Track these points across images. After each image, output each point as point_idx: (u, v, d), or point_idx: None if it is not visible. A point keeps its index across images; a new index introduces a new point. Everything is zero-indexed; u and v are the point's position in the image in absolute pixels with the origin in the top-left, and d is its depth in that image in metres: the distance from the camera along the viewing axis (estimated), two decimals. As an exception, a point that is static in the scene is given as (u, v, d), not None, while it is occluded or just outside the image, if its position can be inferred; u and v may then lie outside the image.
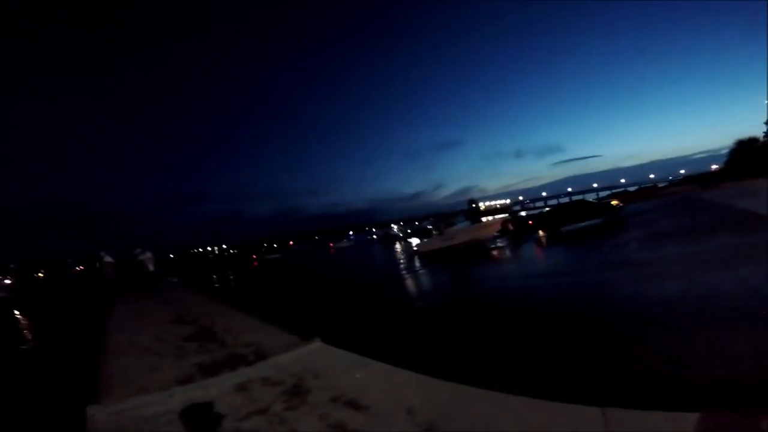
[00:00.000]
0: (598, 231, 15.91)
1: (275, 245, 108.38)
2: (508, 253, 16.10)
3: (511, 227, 21.77)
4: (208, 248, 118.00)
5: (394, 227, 59.01)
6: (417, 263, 17.99)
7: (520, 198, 78.23)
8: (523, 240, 18.61)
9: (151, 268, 19.08)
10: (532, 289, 8.28)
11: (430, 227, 33.91)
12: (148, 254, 19.48)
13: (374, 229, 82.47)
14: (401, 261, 21.26)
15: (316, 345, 4.24)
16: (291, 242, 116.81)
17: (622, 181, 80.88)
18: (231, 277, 28.22)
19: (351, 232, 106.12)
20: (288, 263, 40.19)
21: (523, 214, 39.94)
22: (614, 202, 19.71)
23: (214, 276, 28.51)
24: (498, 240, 19.94)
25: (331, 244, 69.47)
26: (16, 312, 18.50)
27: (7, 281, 47.22)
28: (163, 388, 3.27)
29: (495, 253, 16.58)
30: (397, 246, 35.89)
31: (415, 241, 28.21)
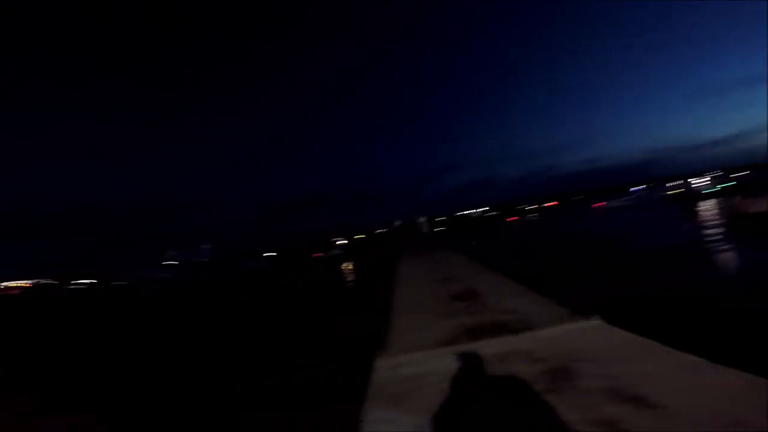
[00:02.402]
0: None
1: (534, 207, 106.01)
2: None
3: None
4: (470, 211, 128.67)
5: (695, 180, 42.41)
6: (738, 231, 12.76)
7: None
8: None
9: (424, 230, 23.15)
10: None
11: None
12: (423, 219, 23.80)
13: (667, 184, 62.97)
14: (709, 227, 15.40)
15: (595, 323, 3.54)
16: (555, 202, 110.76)
17: None
18: (488, 238, 29.57)
19: (641, 187, 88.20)
20: (545, 223, 38.13)
21: None
22: None
23: (473, 241, 30.77)
24: None
25: (595, 205, 60.54)
26: (345, 264, 26.98)
27: (342, 241, 73.51)
28: (434, 346, 3.60)
29: None
30: (700, 206, 26.27)
31: (734, 199, 19.48)
